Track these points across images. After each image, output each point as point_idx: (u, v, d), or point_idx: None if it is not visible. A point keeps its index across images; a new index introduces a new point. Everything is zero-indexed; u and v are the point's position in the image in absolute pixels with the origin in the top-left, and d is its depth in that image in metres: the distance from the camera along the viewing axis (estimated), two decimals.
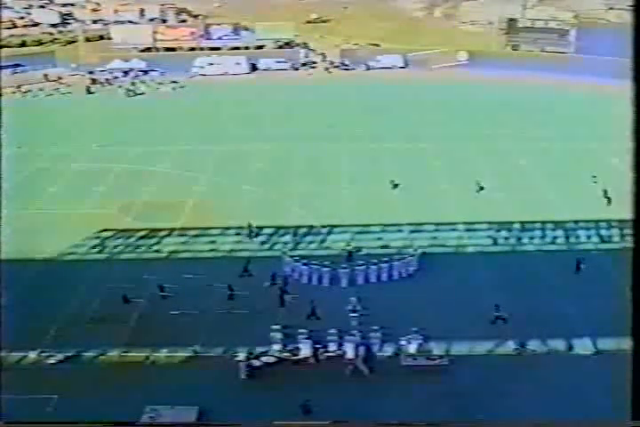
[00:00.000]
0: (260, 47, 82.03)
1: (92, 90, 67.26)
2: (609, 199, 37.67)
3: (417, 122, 54.82)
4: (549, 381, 23.95)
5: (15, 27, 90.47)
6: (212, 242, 34.90)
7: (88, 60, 74.58)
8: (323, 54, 79.15)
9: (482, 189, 40.72)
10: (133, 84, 69.15)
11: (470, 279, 30.72)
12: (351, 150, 48.01)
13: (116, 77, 71.43)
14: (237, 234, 35.49)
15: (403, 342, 25.69)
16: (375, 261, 31.22)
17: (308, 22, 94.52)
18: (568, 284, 30.13)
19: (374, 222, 36.39)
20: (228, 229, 36.02)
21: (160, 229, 36.08)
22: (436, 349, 25.78)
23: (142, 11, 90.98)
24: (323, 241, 34.86)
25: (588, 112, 55.75)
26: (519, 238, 35.06)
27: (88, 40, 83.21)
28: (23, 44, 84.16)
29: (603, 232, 35.48)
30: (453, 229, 35.88)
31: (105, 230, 35.96)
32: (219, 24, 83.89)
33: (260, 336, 25.90)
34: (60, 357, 25.42)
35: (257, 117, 56.71)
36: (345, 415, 21.84)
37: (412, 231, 35.51)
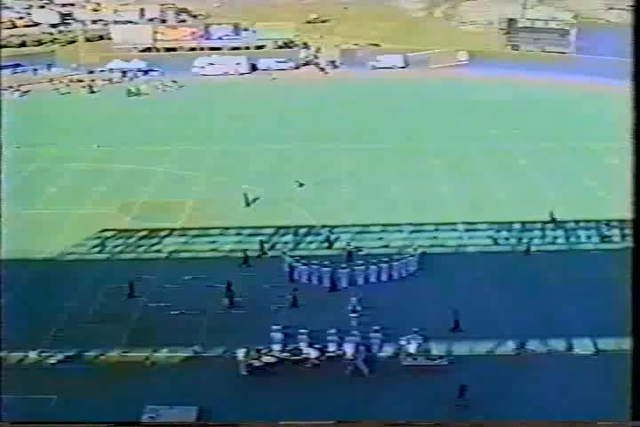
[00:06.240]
0: (261, 47, 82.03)
1: (92, 90, 67.24)
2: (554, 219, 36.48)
3: (417, 122, 54.72)
4: (549, 381, 23.96)
5: (15, 27, 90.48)
6: (213, 242, 34.89)
7: (88, 60, 74.49)
8: (320, 53, 79.18)
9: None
10: (133, 84, 69.07)
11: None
12: (351, 151, 47.96)
13: (116, 77, 71.42)
14: (238, 234, 35.51)
15: (403, 342, 25.69)
16: (375, 260, 31.21)
17: (308, 22, 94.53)
18: None
19: (377, 222, 36.38)
20: (227, 229, 36.03)
21: (160, 229, 36.10)
22: (436, 349, 25.79)
23: (142, 11, 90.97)
24: (323, 241, 34.84)
25: (587, 112, 55.67)
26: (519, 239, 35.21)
27: (88, 40, 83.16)
28: (23, 44, 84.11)
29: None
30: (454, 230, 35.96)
31: (105, 230, 35.97)
32: (219, 24, 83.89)
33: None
34: (60, 357, 25.40)
35: (257, 117, 56.74)
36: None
37: (413, 231, 35.57)
